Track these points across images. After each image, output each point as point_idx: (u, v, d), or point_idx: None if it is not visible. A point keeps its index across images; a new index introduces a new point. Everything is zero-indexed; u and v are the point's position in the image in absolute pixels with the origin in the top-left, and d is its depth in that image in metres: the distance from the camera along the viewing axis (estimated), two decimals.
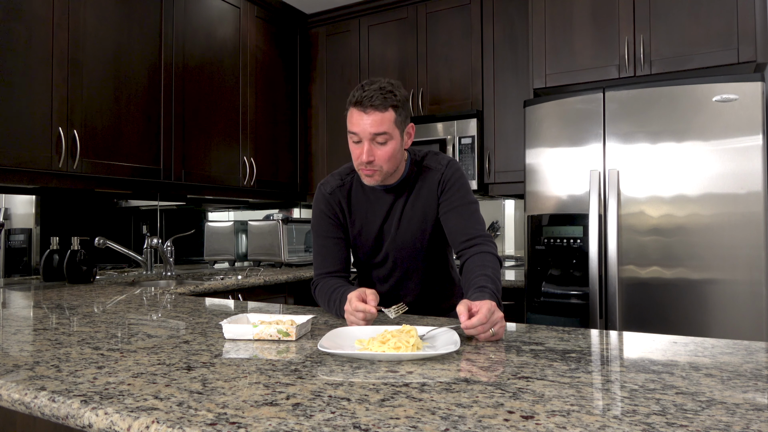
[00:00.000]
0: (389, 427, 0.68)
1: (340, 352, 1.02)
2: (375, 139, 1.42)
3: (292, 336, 1.19)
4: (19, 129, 2.32)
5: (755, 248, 2.13)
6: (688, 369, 0.95)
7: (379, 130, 1.41)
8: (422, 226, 1.58)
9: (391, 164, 1.47)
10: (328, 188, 1.63)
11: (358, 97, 1.41)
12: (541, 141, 2.56)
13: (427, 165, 1.59)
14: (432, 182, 1.57)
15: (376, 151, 1.43)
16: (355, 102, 1.42)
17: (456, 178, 1.57)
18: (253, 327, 1.20)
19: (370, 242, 1.62)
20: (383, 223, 1.59)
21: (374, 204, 1.60)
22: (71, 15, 2.50)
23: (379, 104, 1.40)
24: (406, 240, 1.59)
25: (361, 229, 1.61)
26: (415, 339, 1.06)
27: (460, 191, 1.56)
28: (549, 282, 2.52)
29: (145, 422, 0.71)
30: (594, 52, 2.63)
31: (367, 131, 1.41)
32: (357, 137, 1.44)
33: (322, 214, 1.63)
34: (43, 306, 1.79)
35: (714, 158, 2.20)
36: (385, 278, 1.67)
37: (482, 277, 1.39)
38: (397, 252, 1.61)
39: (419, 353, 1.00)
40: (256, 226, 3.61)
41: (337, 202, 1.61)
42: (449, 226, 1.55)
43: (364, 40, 3.66)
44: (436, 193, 1.57)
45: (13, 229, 2.82)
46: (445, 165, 1.58)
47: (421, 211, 1.57)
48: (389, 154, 1.45)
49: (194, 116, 3.10)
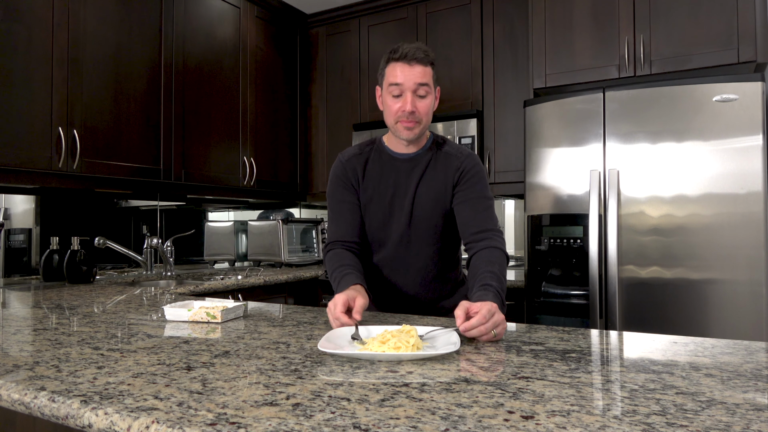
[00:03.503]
0: (389, 427, 0.68)
1: (339, 352, 1.02)
2: (417, 91, 1.50)
3: (218, 318, 1.41)
4: (19, 129, 2.32)
5: (755, 248, 2.13)
6: (688, 369, 0.95)
7: (423, 81, 1.49)
8: (434, 207, 1.59)
9: (428, 119, 1.54)
10: (346, 156, 1.68)
11: (402, 52, 1.49)
12: (541, 141, 2.56)
13: (448, 150, 1.62)
14: (449, 167, 1.59)
15: (418, 103, 1.50)
16: (399, 57, 1.50)
17: (476, 171, 1.60)
18: (188, 311, 1.43)
19: (380, 213, 1.62)
20: (396, 193, 1.61)
21: (390, 174, 1.62)
22: (71, 15, 2.50)
23: (422, 58, 1.49)
24: (417, 217, 1.60)
25: (372, 197, 1.63)
26: (415, 339, 1.06)
27: (477, 185, 1.58)
28: (549, 282, 2.52)
29: (145, 422, 0.71)
30: (594, 52, 2.63)
31: (411, 81, 1.48)
32: (399, 89, 1.50)
33: (337, 179, 1.67)
34: (43, 306, 1.79)
35: (714, 158, 2.20)
36: (387, 263, 1.65)
37: (488, 274, 1.41)
38: (405, 230, 1.61)
39: (419, 353, 1.00)
40: (256, 226, 3.60)
41: (353, 168, 1.65)
42: (462, 216, 1.57)
43: (364, 40, 3.66)
44: (452, 181, 1.59)
45: (13, 229, 2.82)
46: (465, 155, 1.62)
47: (435, 191, 1.59)
48: (428, 107, 1.53)
49: (194, 116, 3.10)
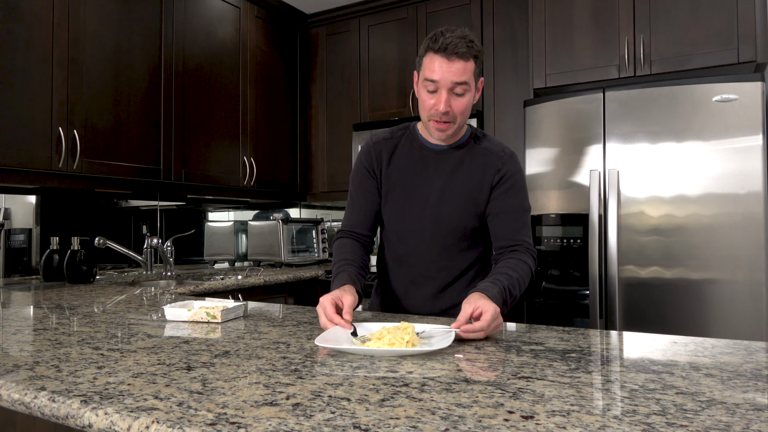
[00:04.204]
0: (389, 427, 0.68)
1: (335, 347, 1.06)
2: (454, 89, 1.37)
3: (218, 318, 1.40)
4: (19, 129, 2.32)
5: (755, 248, 2.13)
6: (688, 369, 0.95)
7: (461, 79, 1.36)
8: (465, 206, 1.49)
9: (463, 117, 1.43)
10: (375, 138, 1.59)
11: (442, 43, 1.34)
12: (541, 141, 2.56)
13: (488, 147, 1.52)
14: (489, 166, 1.49)
15: (453, 101, 1.38)
16: (438, 48, 1.35)
17: (518, 177, 1.50)
18: (188, 311, 1.42)
19: (401, 204, 1.53)
20: (423, 184, 1.51)
21: (417, 163, 1.52)
22: (71, 15, 2.50)
23: (464, 52, 1.34)
24: (443, 214, 1.50)
25: (395, 185, 1.53)
26: (411, 335, 1.08)
27: (519, 195, 1.50)
28: (549, 282, 2.52)
29: (145, 422, 0.71)
30: (594, 52, 2.63)
31: (448, 79, 1.35)
32: (434, 86, 1.38)
33: (360, 163, 1.59)
34: (43, 306, 1.79)
35: (714, 158, 2.20)
36: (406, 260, 1.56)
37: (504, 275, 1.34)
38: (429, 226, 1.51)
39: (413, 349, 1.02)
40: (256, 226, 3.60)
41: (378, 152, 1.56)
42: (496, 227, 1.49)
43: (364, 40, 3.66)
44: (490, 182, 1.49)
45: (13, 229, 2.82)
46: (508, 154, 1.51)
47: (468, 189, 1.49)
48: (465, 106, 1.40)
49: (194, 116, 3.10)
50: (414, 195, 1.53)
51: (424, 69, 1.40)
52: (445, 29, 1.38)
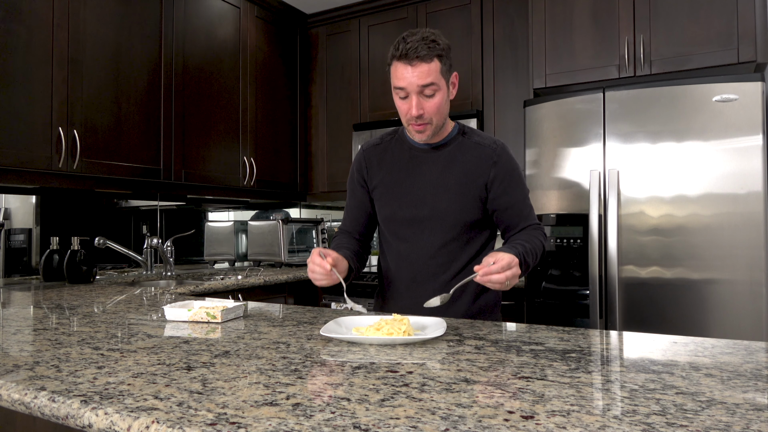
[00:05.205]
0: (389, 427, 0.68)
1: (336, 336, 1.15)
2: (423, 92, 1.40)
3: (218, 318, 1.40)
4: (19, 129, 2.32)
5: (755, 248, 2.13)
6: (688, 369, 0.95)
7: (427, 82, 1.38)
8: (460, 200, 1.51)
9: (440, 116, 1.45)
10: (366, 146, 1.66)
11: (403, 50, 1.37)
12: (541, 141, 2.56)
13: (478, 140, 1.54)
14: (483, 159, 1.51)
15: (425, 103, 1.41)
16: (399, 55, 1.38)
17: (513, 168, 1.53)
18: (188, 311, 1.43)
19: (392, 202, 1.56)
20: (417, 182, 1.54)
21: (407, 163, 1.56)
22: (71, 15, 2.50)
23: (424, 55, 1.36)
24: (440, 207, 1.51)
25: (384, 184, 1.57)
26: (407, 326, 1.17)
27: (519, 185, 1.54)
28: (549, 282, 2.52)
29: (145, 422, 0.71)
30: (594, 52, 2.63)
31: (414, 84, 1.38)
32: (404, 92, 1.41)
33: (353, 171, 1.67)
34: (43, 306, 1.79)
35: (714, 158, 2.20)
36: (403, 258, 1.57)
37: (519, 244, 1.39)
38: (424, 223, 1.53)
39: (409, 338, 1.11)
40: (255, 226, 3.60)
41: (368, 159, 1.62)
42: (508, 221, 1.54)
43: (364, 40, 3.66)
44: (486, 174, 1.51)
45: (13, 229, 2.82)
46: (500, 146, 1.54)
47: (462, 183, 1.51)
48: (438, 106, 1.43)
49: (194, 116, 3.10)
50: (409, 193, 1.55)
51: (392, 77, 1.44)
52: (408, 34, 1.40)
